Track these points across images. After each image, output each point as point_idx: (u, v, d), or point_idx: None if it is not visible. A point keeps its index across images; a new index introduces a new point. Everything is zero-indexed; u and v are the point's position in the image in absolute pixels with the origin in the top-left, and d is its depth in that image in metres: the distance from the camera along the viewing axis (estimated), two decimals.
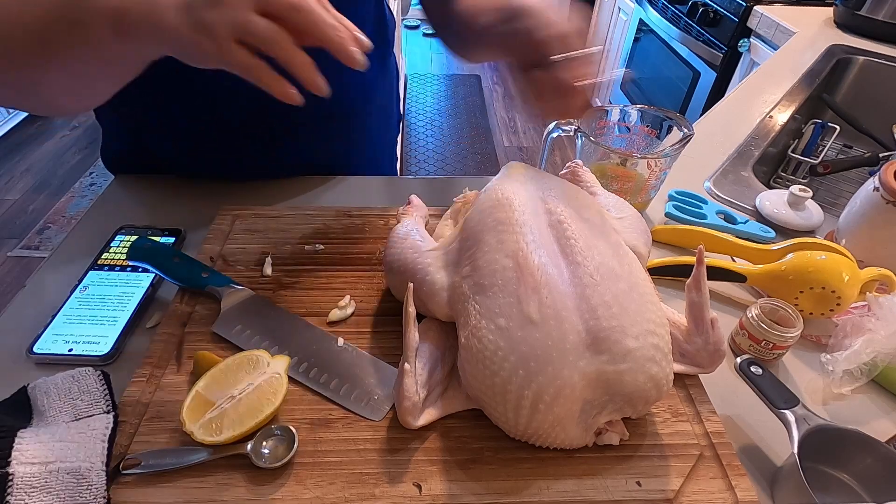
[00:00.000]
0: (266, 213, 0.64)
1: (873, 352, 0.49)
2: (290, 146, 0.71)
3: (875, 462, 0.42)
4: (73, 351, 0.49)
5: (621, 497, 0.39)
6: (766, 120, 0.97)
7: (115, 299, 0.54)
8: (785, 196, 0.71)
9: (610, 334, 0.38)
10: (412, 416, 0.41)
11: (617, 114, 0.70)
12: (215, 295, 0.52)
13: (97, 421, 0.40)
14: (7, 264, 2.02)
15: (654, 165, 0.64)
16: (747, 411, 0.48)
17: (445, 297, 0.44)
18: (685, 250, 0.66)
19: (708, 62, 1.79)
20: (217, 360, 0.44)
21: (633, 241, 0.47)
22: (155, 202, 0.70)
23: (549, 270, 0.40)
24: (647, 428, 0.44)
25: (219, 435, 0.39)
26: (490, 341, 0.39)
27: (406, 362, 0.40)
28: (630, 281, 0.41)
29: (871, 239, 0.61)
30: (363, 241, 0.61)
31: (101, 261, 0.58)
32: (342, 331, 0.51)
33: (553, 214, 0.43)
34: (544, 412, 0.38)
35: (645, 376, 0.38)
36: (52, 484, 0.36)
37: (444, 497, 0.39)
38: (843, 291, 0.53)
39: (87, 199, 2.35)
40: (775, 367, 0.53)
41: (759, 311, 0.51)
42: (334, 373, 0.46)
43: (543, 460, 0.41)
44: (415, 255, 0.48)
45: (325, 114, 0.69)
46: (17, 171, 2.50)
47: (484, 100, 3.30)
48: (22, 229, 2.18)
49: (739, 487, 0.40)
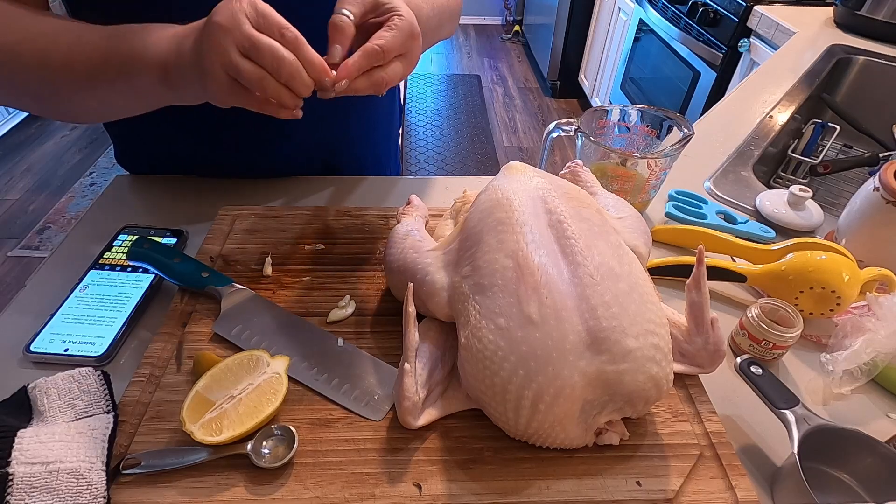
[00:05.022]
0: (266, 213, 0.64)
1: (873, 352, 0.48)
2: (290, 145, 0.71)
3: (875, 462, 0.42)
4: (69, 351, 0.49)
5: (621, 497, 0.39)
6: (766, 120, 0.97)
7: (115, 299, 0.54)
8: (785, 196, 0.71)
9: (610, 334, 0.38)
10: (412, 416, 0.41)
11: (617, 114, 0.70)
12: (215, 295, 0.52)
13: (97, 421, 0.40)
14: (7, 264, 2.02)
15: (654, 165, 0.64)
16: (747, 411, 0.48)
17: (445, 297, 0.44)
18: (685, 250, 0.66)
19: (708, 62, 1.79)
20: (217, 360, 0.44)
21: (633, 241, 0.47)
22: (155, 202, 0.70)
23: (549, 270, 0.40)
24: (647, 428, 0.44)
25: (219, 435, 0.39)
26: (490, 341, 0.39)
27: (406, 362, 0.40)
28: (630, 281, 0.41)
29: (871, 239, 0.61)
30: (363, 241, 0.61)
31: (103, 260, 0.58)
32: (342, 331, 0.51)
33: (553, 214, 0.43)
34: (544, 412, 0.38)
35: (645, 376, 0.38)
36: (52, 484, 0.36)
37: (444, 497, 0.39)
38: (843, 291, 0.53)
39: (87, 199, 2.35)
40: (775, 367, 0.53)
41: (759, 311, 0.51)
42: (334, 373, 0.46)
43: (543, 460, 0.41)
44: (415, 255, 0.48)
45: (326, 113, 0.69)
46: (17, 171, 2.50)
47: (484, 100, 3.30)
48: (22, 229, 2.18)
49: (739, 487, 0.40)
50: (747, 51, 1.61)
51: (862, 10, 1.35)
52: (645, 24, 2.26)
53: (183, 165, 0.73)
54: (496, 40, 4.15)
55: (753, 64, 1.58)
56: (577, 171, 0.58)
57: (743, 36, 1.61)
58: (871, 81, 1.25)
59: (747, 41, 1.60)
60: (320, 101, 0.47)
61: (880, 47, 1.30)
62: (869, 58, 1.25)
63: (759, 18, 1.53)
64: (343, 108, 0.71)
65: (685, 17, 1.93)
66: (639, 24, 2.32)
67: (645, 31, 2.27)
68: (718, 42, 1.72)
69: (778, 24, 1.45)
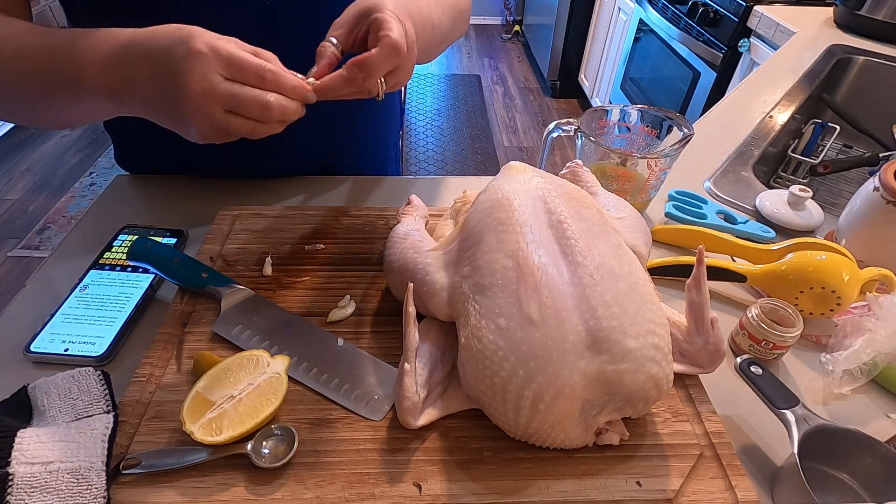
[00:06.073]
0: (266, 213, 0.64)
1: (873, 352, 0.48)
2: (291, 147, 0.71)
3: (875, 462, 0.42)
4: (69, 351, 0.49)
5: (621, 497, 0.39)
6: (766, 120, 0.97)
7: (115, 299, 0.54)
8: (785, 196, 0.71)
9: (610, 334, 0.38)
10: (412, 416, 0.41)
11: (617, 114, 0.70)
12: (215, 295, 0.52)
13: (97, 421, 0.40)
14: (7, 264, 2.02)
15: (654, 165, 0.64)
16: (747, 411, 0.48)
17: (445, 297, 0.44)
18: (685, 250, 0.66)
19: (708, 62, 1.79)
20: (217, 360, 0.44)
21: (633, 241, 0.47)
22: (155, 202, 0.70)
23: (549, 270, 0.40)
24: (647, 428, 0.44)
25: (219, 435, 0.39)
26: (490, 341, 0.39)
27: (406, 362, 0.40)
28: (630, 281, 0.41)
29: (871, 239, 0.61)
30: (363, 241, 0.61)
31: (103, 260, 0.58)
32: (342, 331, 0.51)
33: (553, 214, 0.43)
34: (544, 412, 0.38)
35: (645, 376, 0.38)
36: (52, 484, 0.35)
37: (444, 497, 0.39)
38: (843, 291, 0.53)
39: (87, 199, 2.35)
40: (775, 367, 0.53)
41: (759, 311, 0.51)
42: (334, 373, 0.46)
43: (543, 460, 0.41)
44: (415, 255, 0.48)
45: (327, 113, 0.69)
46: (17, 171, 2.50)
47: (484, 100, 3.30)
48: (22, 229, 2.18)
49: (739, 487, 0.40)
50: (747, 51, 1.61)
51: (862, 10, 1.35)
52: (645, 24, 2.26)
53: (183, 165, 0.72)
54: (496, 40, 4.15)
55: (753, 64, 1.58)
56: (577, 171, 0.58)
57: (743, 36, 1.61)
58: (871, 81, 1.25)
59: (747, 41, 1.60)
60: (321, 104, 0.47)
61: (880, 47, 1.30)
62: (869, 58, 1.25)
63: (759, 18, 1.53)
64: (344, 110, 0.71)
65: (685, 17, 1.93)
66: (639, 24, 2.32)
67: (645, 31, 2.27)
68: (718, 42, 1.72)
69: (778, 24, 1.45)
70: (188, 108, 0.41)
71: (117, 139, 0.75)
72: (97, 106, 0.47)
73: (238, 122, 0.43)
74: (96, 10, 0.55)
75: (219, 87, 0.41)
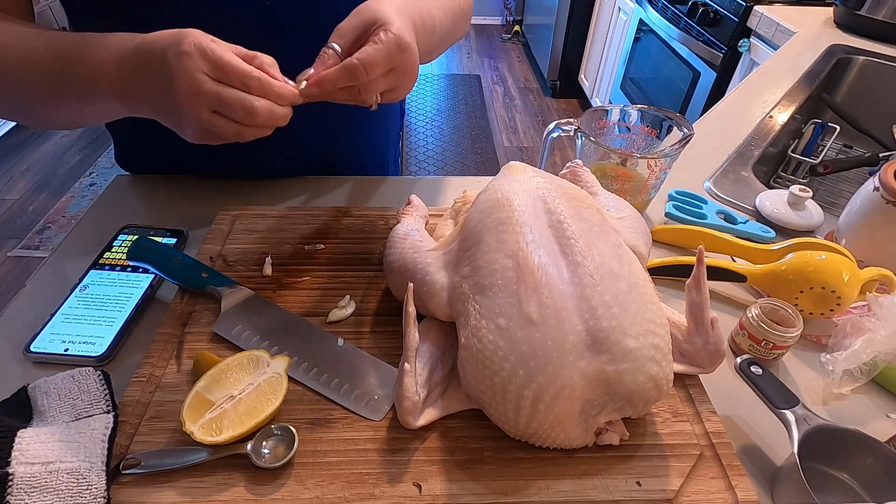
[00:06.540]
0: (266, 213, 0.64)
1: (873, 352, 0.48)
2: (291, 147, 0.71)
3: (875, 462, 0.42)
4: (69, 351, 0.49)
5: (621, 497, 0.39)
6: (766, 120, 0.97)
7: (115, 299, 0.54)
8: (785, 196, 0.71)
9: (610, 334, 0.38)
10: (412, 416, 0.41)
11: (617, 114, 0.70)
12: (215, 295, 0.52)
13: (97, 421, 0.40)
14: (7, 264, 2.02)
15: (654, 165, 0.64)
16: (747, 411, 0.48)
17: (445, 297, 0.44)
18: (685, 250, 0.66)
19: (708, 62, 1.79)
20: (217, 360, 0.44)
21: (633, 241, 0.47)
22: (155, 202, 0.70)
23: (549, 270, 0.40)
24: (647, 428, 0.44)
25: (219, 435, 0.39)
26: (490, 341, 0.39)
27: (406, 362, 0.40)
28: (630, 281, 0.41)
29: (871, 239, 0.61)
30: (363, 241, 0.61)
31: (103, 260, 0.58)
32: (342, 331, 0.51)
33: (553, 214, 0.43)
34: (544, 412, 0.38)
35: (645, 376, 0.38)
36: (52, 484, 0.36)
37: (444, 497, 0.39)
38: (843, 291, 0.53)
39: (87, 199, 2.35)
40: (775, 367, 0.53)
41: (759, 311, 0.51)
42: (334, 373, 0.46)
43: (543, 460, 0.41)
44: (415, 255, 0.48)
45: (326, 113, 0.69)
46: (17, 171, 2.50)
47: (484, 100, 3.30)
48: (22, 229, 2.18)
49: (739, 487, 0.40)
50: (747, 51, 1.61)
51: (862, 10, 1.35)
52: (645, 24, 2.26)
53: (183, 166, 0.72)
54: (496, 40, 4.15)
55: (753, 64, 1.58)
56: (577, 171, 0.58)
57: (743, 36, 1.61)
58: (870, 81, 1.25)
59: (747, 41, 1.60)
60: (322, 105, 0.47)
61: (880, 47, 1.30)
62: (869, 58, 1.25)
63: (759, 18, 1.53)
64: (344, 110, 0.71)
65: (685, 17, 1.93)
66: (639, 24, 2.32)
67: (645, 31, 2.27)
68: (718, 42, 1.72)
69: (778, 24, 1.45)
70: (177, 107, 0.42)
71: (118, 138, 0.75)
72: (108, 108, 0.49)
73: (223, 123, 0.43)
74: (96, 10, 0.56)
75: (203, 87, 0.41)
